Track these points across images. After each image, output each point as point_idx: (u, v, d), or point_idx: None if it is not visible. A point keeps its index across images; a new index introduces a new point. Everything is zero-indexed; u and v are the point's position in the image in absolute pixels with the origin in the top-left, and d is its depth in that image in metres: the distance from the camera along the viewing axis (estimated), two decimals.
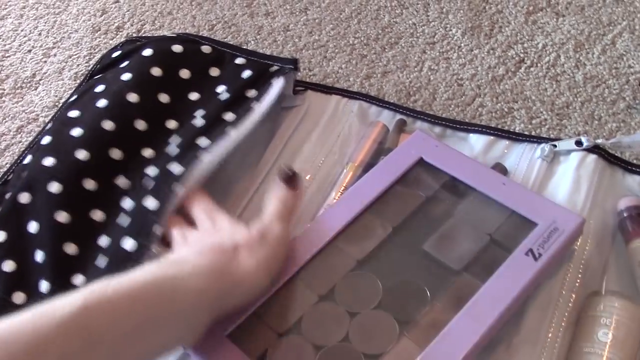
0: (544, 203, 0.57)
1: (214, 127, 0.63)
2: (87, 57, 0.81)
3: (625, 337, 0.51)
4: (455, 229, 0.57)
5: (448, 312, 0.51)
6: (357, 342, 0.51)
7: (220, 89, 0.69)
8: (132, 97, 0.66)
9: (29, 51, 0.84)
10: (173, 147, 0.62)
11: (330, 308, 0.53)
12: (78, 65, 0.81)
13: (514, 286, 0.51)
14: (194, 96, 0.69)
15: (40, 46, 0.84)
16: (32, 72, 0.81)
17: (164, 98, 0.67)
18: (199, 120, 0.65)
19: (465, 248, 0.55)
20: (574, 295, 0.55)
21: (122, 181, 0.62)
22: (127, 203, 0.60)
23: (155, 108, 0.67)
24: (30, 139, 0.72)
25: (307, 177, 0.65)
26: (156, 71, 0.68)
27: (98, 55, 0.80)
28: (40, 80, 0.80)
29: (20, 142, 0.73)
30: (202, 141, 0.62)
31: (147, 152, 0.64)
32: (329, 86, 0.74)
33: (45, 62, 0.82)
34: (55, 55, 0.83)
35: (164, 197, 0.57)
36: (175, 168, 0.59)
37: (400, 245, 0.57)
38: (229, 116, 0.65)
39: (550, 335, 0.53)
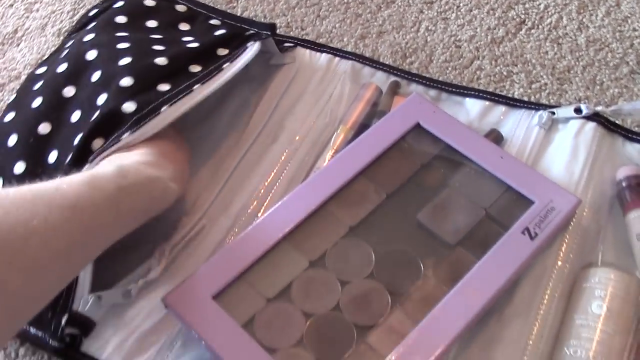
0: (541, 180, 0.55)
1: (178, 76, 0.59)
2: (71, 13, 0.78)
3: (620, 310, 0.50)
4: (450, 200, 0.55)
5: (441, 286, 0.50)
6: (348, 312, 0.50)
7: (188, 39, 0.65)
8: (89, 36, 0.63)
9: (11, 5, 0.80)
10: (127, 80, 0.57)
11: (321, 275, 0.52)
12: (61, 21, 0.78)
13: (509, 265, 0.50)
14: (156, 37, 0.64)
15: (22, 1, 0.81)
16: (13, 28, 0.78)
17: (122, 33, 0.63)
18: (160, 59, 0.60)
19: (460, 221, 0.54)
20: (568, 266, 0.54)
21: (75, 116, 0.58)
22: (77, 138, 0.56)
23: (110, 40, 0.62)
24: (13, 97, 0.70)
25: (297, 138, 0.63)
26: (120, 19, 0.65)
27: (82, 11, 0.77)
28: (22, 36, 0.77)
29: (1, 100, 0.70)
30: (163, 87, 0.57)
31: (96, 77, 0.59)
32: (319, 43, 0.71)
33: (28, 17, 0.79)
34: (37, 10, 0.79)
35: (112, 138, 0.54)
36: (129, 106, 0.55)
37: (394, 214, 0.55)
38: (195, 68, 0.61)
39: (542, 307, 0.52)
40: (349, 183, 0.56)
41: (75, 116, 0.57)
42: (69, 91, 0.59)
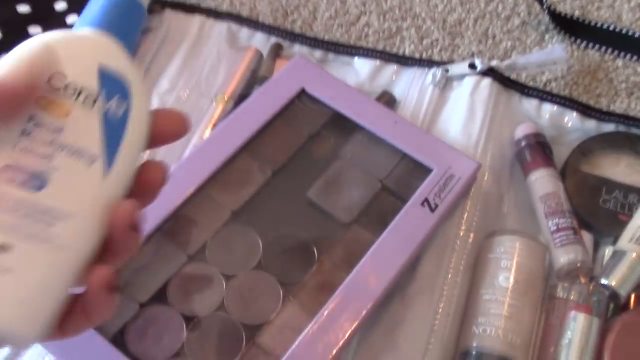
0: (438, 145, 0.51)
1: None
2: None
3: (527, 281, 0.47)
4: (342, 174, 0.50)
5: (339, 271, 0.46)
6: (235, 310, 0.44)
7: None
8: None
9: None
10: None
11: (202, 270, 0.46)
12: None
13: (410, 241, 0.46)
14: None
15: None
16: None
17: None
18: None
19: (354, 196, 0.49)
20: (472, 235, 0.51)
21: None
22: None
23: None
24: None
25: None
26: None
27: None
28: None
29: None
30: None
31: None
32: (191, 5, 0.64)
33: None
34: None
35: None
36: None
37: (282, 193, 0.50)
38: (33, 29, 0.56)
39: (447, 282, 0.49)
40: (228, 162, 0.50)
41: None
42: None
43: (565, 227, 0.49)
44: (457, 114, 0.56)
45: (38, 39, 0.28)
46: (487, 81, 0.58)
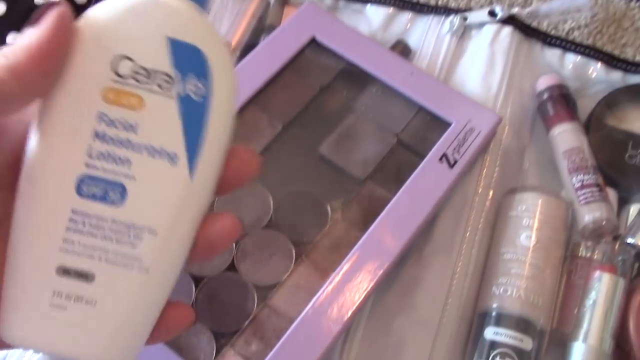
0: (457, 98, 0.49)
1: None
2: None
3: (550, 239, 0.45)
4: (356, 128, 0.48)
5: (354, 229, 0.44)
6: (245, 270, 0.43)
7: None
8: None
9: None
10: None
11: None
12: None
13: (428, 199, 0.44)
14: None
15: None
16: None
17: None
18: None
19: (368, 151, 0.47)
20: (491, 192, 0.48)
21: None
22: None
23: None
24: None
25: None
26: None
27: None
28: None
29: None
30: None
31: None
32: None
33: None
34: None
35: None
36: None
37: (292, 148, 0.48)
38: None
39: (465, 240, 0.47)
40: (236, 115, 0.47)
41: None
42: None
43: (590, 184, 0.46)
44: (476, 64, 0.53)
45: (93, 14, 0.23)
46: (507, 30, 0.54)
